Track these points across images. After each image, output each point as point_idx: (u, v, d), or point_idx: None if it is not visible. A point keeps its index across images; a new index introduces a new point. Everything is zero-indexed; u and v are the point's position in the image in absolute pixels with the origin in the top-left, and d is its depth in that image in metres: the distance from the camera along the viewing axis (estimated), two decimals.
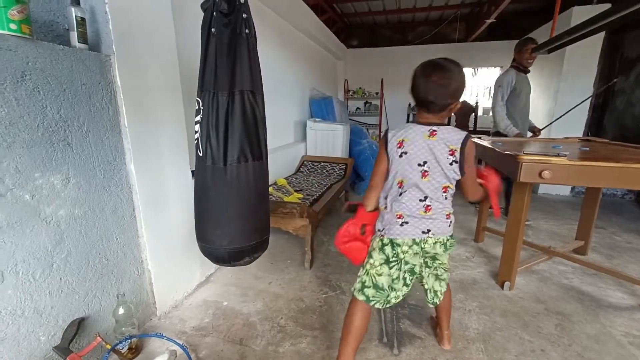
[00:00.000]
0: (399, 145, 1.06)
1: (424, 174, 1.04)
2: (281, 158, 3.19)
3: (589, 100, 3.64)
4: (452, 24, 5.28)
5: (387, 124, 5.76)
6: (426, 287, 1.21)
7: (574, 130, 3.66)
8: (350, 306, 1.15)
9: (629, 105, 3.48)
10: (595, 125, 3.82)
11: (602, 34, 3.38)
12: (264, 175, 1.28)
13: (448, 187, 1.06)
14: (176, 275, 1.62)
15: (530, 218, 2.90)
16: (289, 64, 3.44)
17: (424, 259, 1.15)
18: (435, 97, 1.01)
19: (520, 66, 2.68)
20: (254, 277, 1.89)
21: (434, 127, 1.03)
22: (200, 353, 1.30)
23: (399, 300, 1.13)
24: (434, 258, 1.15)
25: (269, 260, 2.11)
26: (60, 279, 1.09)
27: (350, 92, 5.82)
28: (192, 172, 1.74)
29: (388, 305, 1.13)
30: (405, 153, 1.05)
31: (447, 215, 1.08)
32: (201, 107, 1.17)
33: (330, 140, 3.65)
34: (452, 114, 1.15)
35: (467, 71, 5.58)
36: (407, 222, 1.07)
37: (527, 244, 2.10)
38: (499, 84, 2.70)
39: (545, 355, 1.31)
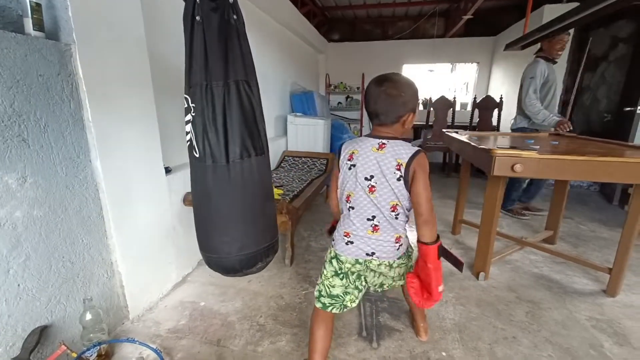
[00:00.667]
0: (349, 157, 1.05)
1: (371, 189, 1.00)
2: None
3: (560, 96, 3.80)
4: (430, 19, 5.35)
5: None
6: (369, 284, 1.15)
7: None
8: (312, 314, 1.14)
9: (594, 101, 3.66)
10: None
11: (570, 32, 3.51)
12: (267, 171, 1.19)
13: (397, 205, 1.00)
14: (150, 277, 1.56)
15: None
16: (268, 57, 3.37)
17: (372, 271, 1.10)
18: (386, 106, 0.98)
19: (548, 56, 2.52)
20: None
21: (384, 140, 1.00)
22: (175, 356, 1.26)
23: (355, 303, 1.12)
24: (381, 273, 1.10)
25: None
26: (18, 285, 1.02)
27: (332, 87, 5.79)
28: (166, 168, 1.68)
29: (346, 310, 1.11)
30: (354, 166, 1.03)
31: (396, 238, 1.03)
32: (191, 105, 1.06)
33: (311, 135, 3.63)
34: (429, 112, 1.11)
35: (446, 67, 5.68)
36: (352, 242, 1.05)
37: (501, 234, 2.18)
38: (530, 75, 2.52)
39: (516, 342, 1.37)
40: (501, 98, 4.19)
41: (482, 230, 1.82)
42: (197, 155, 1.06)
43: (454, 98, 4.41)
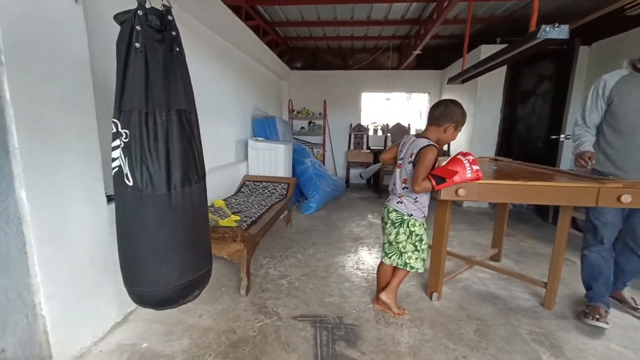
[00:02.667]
0: (401, 147, 1.68)
1: (398, 165, 1.65)
2: (220, 178, 3.05)
3: (499, 124, 4.23)
4: (386, 52, 5.77)
5: (331, 143, 5.96)
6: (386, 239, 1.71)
7: (488, 151, 4.20)
8: None
9: (528, 129, 4.11)
10: (505, 146, 4.43)
11: (504, 68, 3.99)
12: (205, 197, 1.21)
13: (407, 179, 1.58)
14: (82, 319, 1.40)
15: (456, 229, 3.18)
16: (230, 83, 3.38)
17: (392, 224, 1.67)
18: (434, 111, 1.59)
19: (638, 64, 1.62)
20: (183, 311, 1.72)
21: (414, 138, 1.60)
22: None
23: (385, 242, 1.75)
24: (389, 219, 1.67)
25: None
26: None
27: (295, 112, 5.91)
28: (109, 197, 1.57)
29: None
30: (401, 151, 1.66)
31: (399, 198, 1.62)
32: (122, 130, 1.03)
33: (272, 159, 3.62)
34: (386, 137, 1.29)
35: (401, 95, 6.09)
36: (387, 196, 1.74)
37: (451, 254, 2.29)
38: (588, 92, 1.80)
39: None
40: None
41: (433, 251, 1.90)
42: (131, 184, 1.02)
43: (409, 125, 4.72)
